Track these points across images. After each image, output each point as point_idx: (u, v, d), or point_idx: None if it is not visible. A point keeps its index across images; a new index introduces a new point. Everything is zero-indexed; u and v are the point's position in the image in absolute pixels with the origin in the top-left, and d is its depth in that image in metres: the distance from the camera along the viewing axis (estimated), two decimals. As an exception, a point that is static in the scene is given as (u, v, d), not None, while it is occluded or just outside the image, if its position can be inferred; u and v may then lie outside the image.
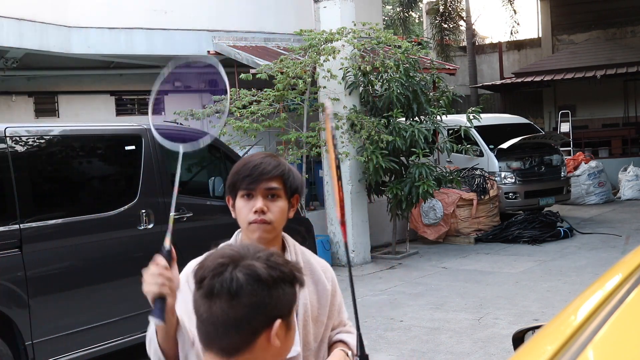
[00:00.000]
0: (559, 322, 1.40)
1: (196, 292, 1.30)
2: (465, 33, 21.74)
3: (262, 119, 9.03)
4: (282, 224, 1.87)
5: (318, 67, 9.09)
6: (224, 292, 1.26)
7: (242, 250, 1.33)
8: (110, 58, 12.69)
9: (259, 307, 1.28)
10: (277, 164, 1.86)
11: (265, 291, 1.28)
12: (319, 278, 1.92)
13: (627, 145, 17.29)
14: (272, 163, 1.85)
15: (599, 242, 9.81)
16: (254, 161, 1.86)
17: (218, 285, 1.26)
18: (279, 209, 1.84)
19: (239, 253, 1.31)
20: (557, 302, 6.55)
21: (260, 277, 1.28)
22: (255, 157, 1.88)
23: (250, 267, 1.28)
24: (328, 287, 1.91)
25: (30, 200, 4.86)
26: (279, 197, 1.85)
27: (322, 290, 1.91)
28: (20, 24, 10.61)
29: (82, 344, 4.96)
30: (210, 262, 1.30)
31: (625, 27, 19.37)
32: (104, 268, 5.21)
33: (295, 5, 12.88)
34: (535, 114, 19.64)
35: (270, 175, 1.83)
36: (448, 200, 10.45)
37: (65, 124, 7.48)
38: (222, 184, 6.35)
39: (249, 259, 1.30)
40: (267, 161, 1.85)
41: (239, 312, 1.26)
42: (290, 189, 1.87)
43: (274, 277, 1.30)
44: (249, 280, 1.27)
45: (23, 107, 12.69)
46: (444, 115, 9.71)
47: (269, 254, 1.33)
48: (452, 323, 6.19)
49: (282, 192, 1.85)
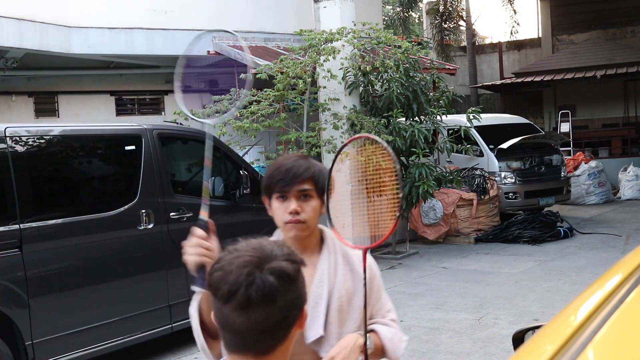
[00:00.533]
0: (559, 322, 1.40)
1: (225, 306, 1.27)
2: (465, 33, 21.75)
3: (262, 119, 9.03)
4: (315, 222, 2.00)
5: (318, 67, 9.09)
6: (260, 299, 1.26)
7: (257, 252, 1.32)
8: (110, 58, 12.69)
9: (292, 304, 1.31)
10: (308, 167, 1.97)
11: (294, 286, 1.31)
12: (354, 267, 2.04)
13: (627, 145, 17.29)
14: (304, 165, 1.96)
15: (599, 242, 9.81)
16: (286, 164, 1.96)
17: (254, 294, 1.25)
18: (312, 208, 1.96)
19: (258, 257, 1.30)
20: (557, 302, 6.55)
21: (289, 275, 1.30)
22: (288, 161, 1.98)
23: (277, 268, 1.29)
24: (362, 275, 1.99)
25: (30, 200, 4.86)
26: (311, 197, 1.96)
27: (357, 278, 2.01)
28: (20, 24, 10.61)
29: (82, 344, 4.96)
30: (234, 274, 1.27)
31: (625, 27, 19.37)
32: (104, 268, 5.21)
33: (295, 5, 12.89)
34: (535, 114, 19.64)
35: (302, 178, 1.94)
36: (448, 200, 10.45)
37: (65, 124, 7.48)
38: (222, 184, 6.35)
39: (271, 260, 1.30)
40: (299, 164, 1.96)
41: (277, 314, 1.28)
42: (321, 188, 1.97)
43: (297, 270, 1.33)
44: (280, 281, 1.28)
45: (23, 107, 12.69)
46: (444, 115, 9.70)
47: (284, 249, 1.35)
48: (452, 323, 6.19)
49: (314, 192, 1.96)
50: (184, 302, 5.71)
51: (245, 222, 6.40)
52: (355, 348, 1.91)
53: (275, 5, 13.10)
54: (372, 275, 2.07)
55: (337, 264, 2.03)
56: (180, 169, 6.95)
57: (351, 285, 2.02)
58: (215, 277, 1.30)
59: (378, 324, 2.06)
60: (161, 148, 5.79)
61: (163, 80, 13.90)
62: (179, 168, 6.93)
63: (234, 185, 6.36)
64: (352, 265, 2.05)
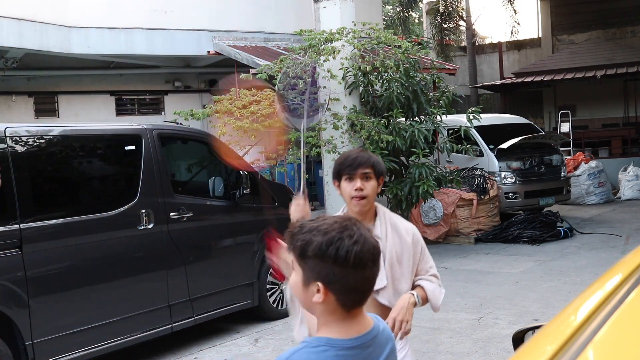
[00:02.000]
0: (559, 322, 1.40)
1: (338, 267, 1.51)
2: (465, 33, 21.76)
3: (262, 119, 9.03)
4: (374, 197, 2.66)
5: (318, 67, 9.09)
6: (370, 258, 1.54)
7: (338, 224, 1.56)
8: (110, 58, 12.70)
9: None
10: (369, 157, 2.65)
11: None
12: (401, 234, 2.67)
13: (627, 145, 17.29)
14: (365, 156, 2.65)
15: (599, 242, 9.80)
16: (352, 155, 2.66)
17: (367, 254, 1.53)
18: (371, 187, 2.62)
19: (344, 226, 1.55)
20: (557, 302, 6.55)
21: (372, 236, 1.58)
22: (353, 152, 2.69)
23: (364, 232, 1.57)
24: (408, 240, 2.67)
25: (30, 200, 4.86)
26: (371, 178, 2.62)
27: (403, 242, 2.66)
28: (20, 24, 10.61)
29: (82, 344, 4.96)
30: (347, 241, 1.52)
31: (625, 27, 19.37)
32: (104, 268, 5.21)
33: (295, 5, 12.89)
34: (535, 114, 19.63)
35: (365, 164, 2.61)
36: (448, 200, 10.44)
37: (65, 124, 7.48)
38: (222, 184, 6.34)
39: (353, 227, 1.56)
40: (362, 155, 2.65)
41: (379, 267, 1.60)
42: (377, 172, 2.65)
43: None
44: (374, 241, 1.57)
45: (23, 107, 12.70)
46: (444, 115, 9.70)
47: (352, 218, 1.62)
48: (452, 323, 6.18)
49: (373, 175, 2.63)
50: (184, 302, 5.72)
51: (245, 222, 6.40)
52: (409, 306, 2.58)
53: (275, 5, 13.10)
54: (416, 240, 2.70)
55: (387, 231, 2.66)
56: (180, 169, 6.95)
57: (399, 248, 2.65)
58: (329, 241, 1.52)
59: (423, 279, 2.73)
60: (161, 148, 5.79)
61: (163, 80, 13.91)
62: (179, 168, 6.93)
63: (234, 185, 6.36)
64: (399, 232, 2.67)
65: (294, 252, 1.59)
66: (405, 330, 2.54)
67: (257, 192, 6.54)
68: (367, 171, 2.61)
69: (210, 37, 12.37)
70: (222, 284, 6.04)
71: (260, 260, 6.33)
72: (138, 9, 12.03)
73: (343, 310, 1.56)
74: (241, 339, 6.13)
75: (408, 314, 2.55)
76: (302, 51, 9.46)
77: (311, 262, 1.54)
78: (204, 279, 5.91)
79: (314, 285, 1.54)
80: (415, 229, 2.75)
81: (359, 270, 1.52)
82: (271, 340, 6.05)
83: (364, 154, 2.66)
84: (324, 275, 1.52)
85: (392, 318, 2.51)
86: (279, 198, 6.86)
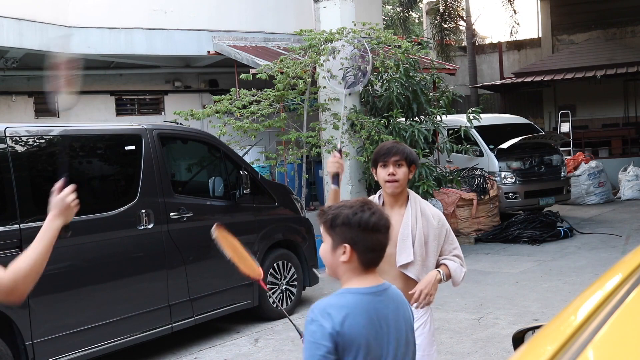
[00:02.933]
0: (559, 322, 1.40)
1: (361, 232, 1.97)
2: (465, 33, 21.74)
3: (262, 119, 9.03)
4: (405, 182, 3.09)
5: (318, 67, 9.09)
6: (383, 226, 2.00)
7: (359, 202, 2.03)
8: (110, 58, 12.69)
9: None
10: (402, 147, 3.11)
11: None
12: (428, 218, 3.10)
13: (627, 145, 17.29)
14: (398, 147, 3.11)
15: (599, 242, 9.80)
16: (387, 145, 3.13)
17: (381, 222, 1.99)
18: (403, 172, 3.07)
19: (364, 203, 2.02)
20: (557, 302, 6.55)
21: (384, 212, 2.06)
22: (387, 143, 3.18)
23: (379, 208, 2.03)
24: (434, 223, 3.10)
25: (30, 200, 4.85)
26: (402, 165, 3.06)
27: (430, 224, 3.10)
28: (20, 24, 10.61)
29: (82, 344, 4.96)
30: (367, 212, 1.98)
31: (625, 27, 19.36)
32: (104, 268, 5.20)
33: (295, 5, 12.88)
34: (535, 114, 19.63)
35: (397, 153, 3.06)
36: (448, 200, 10.44)
37: (65, 124, 7.47)
38: (222, 184, 6.34)
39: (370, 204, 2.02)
40: (395, 145, 3.12)
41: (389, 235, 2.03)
42: (409, 161, 3.08)
43: None
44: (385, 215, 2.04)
45: (23, 107, 12.69)
46: (444, 115, 9.70)
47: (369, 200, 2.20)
48: (452, 323, 6.19)
49: (405, 163, 3.07)
50: (184, 302, 5.72)
51: (245, 222, 6.40)
52: (435, 282, 3.02)
53: (275, 5, 13.09)
54: (442, 224, 3.15)
55: (417, 215, 3.08)
56: (180, 169, 6.95)
57: (426, 230, 3.08)
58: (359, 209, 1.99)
59: (447, 259, 3.16)
60: (161, 148, 5.79)
61: (163, 80, 13.89)
62: (179, 168, 6.93)
63: (234, 185, 6.36)
64: (427, 217, 3.10)
65: (325, 225, 2.03)
66: (428, 302, 2.98)
67: (257, 192, 6.54)
68: (399, 159, 3.05)
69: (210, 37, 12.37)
70: (222, 284, 6.04)
71: (260, 260, 6.32)
72: (138, 9, 12.02)
73: (362, 268, 1.99)
74: (241, 339, 6.13)
75: (433, 288, 3.00)
76: (302, 51, 9.46)
77: (339, 229, 1.98)
78: (204, 279, 5.91)
79: (341, 247, 1.98)
80: (442, 215, 3.20)
81: (375, 234, 1.97)
82: (271, 340, 6.05)
83: (397, 144, 3.14)
84: (349, 238, 1.97)
85: (419, 290, 2.96)
86: (279, 198, 6.86)
